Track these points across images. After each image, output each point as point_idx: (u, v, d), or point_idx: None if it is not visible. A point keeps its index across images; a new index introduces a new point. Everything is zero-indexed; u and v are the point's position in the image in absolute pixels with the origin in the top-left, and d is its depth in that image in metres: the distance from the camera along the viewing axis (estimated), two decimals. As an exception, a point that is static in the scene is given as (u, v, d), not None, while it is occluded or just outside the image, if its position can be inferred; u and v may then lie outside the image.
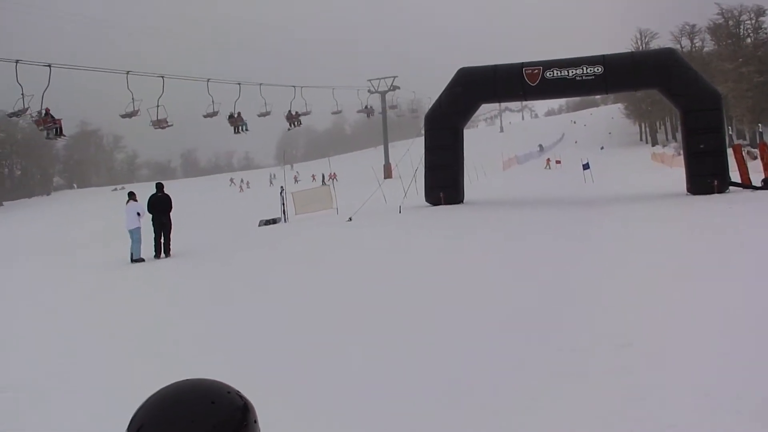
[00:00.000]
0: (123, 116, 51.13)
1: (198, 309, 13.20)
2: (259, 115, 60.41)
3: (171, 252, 22.60)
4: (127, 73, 46.76)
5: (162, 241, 22.56)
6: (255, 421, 1.80)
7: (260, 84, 59.65)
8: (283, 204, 33.67)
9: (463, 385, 7.38)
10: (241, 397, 1.80)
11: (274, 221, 33.00)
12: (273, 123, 65.12)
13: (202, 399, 1.73)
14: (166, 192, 23.11)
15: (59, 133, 44.96)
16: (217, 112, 57.21)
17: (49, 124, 43.07)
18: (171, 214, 22.89)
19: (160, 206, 22.64)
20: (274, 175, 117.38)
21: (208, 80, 53.58)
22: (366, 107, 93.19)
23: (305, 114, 68.17)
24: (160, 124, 53.59)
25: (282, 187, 35.47)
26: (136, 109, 49.90)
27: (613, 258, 14.99)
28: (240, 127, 59.18)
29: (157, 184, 23.56)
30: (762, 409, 5.96)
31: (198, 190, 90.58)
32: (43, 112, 42.48)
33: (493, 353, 8.43)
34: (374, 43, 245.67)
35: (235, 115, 58.12)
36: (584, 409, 6.38)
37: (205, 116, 57.84)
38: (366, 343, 9.32)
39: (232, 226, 33.67)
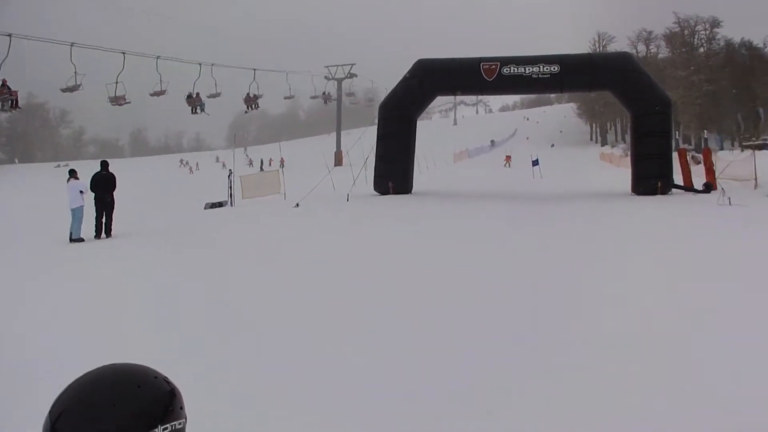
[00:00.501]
0: (64, 90, 49.49)
1: (131, 295, 12.37)
2: (209, 96, 59.25)
3: (112, 232, 21.79)
4: (71, 44, 45.33)
5: (104, 221, 21.73)
6: (181, 408, 1.84)
7: (212, 64, 58.58)
8: (231, 187, 33.48)
9: (418, 372, 7.38)
10: (168, 382, 1.82)
11: (220, 204, 32.73)
12: (225, 105, 64.44)
13: (127, 383, 1.75)
14: (111, 171, 22.23)
15: (15, 105, 43.24)
16: (165, 91, 56.22)
17: (5, 95, 41.61)
18: (114, 193, 21.97)
19: (104, 185, 21.77)
20: (217, 158, 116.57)
21: (157, 57, 52.77)
22: (324, 93, 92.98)
23: (257, 97, 67.45)
24: (118, 101, 52.57)
25: (230, 170, 35.28)
26: (78, 83, 48.08)
27: (532, 248, 15.55)
28: (197, 108, 58.25)
29: (102, 162, 22.52)
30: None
31: (146, 170, 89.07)
32: (0, 83, 40.99)
33: (432, 334, 8.66)
34: (333, 30, 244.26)
35: (194, 96, 57.28)
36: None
37: (152, 95, 56.92)
38: (317, 334, 9.13)
39: (178, 208, 33.03)
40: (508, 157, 79.50)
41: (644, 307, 9.59)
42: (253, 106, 66.60)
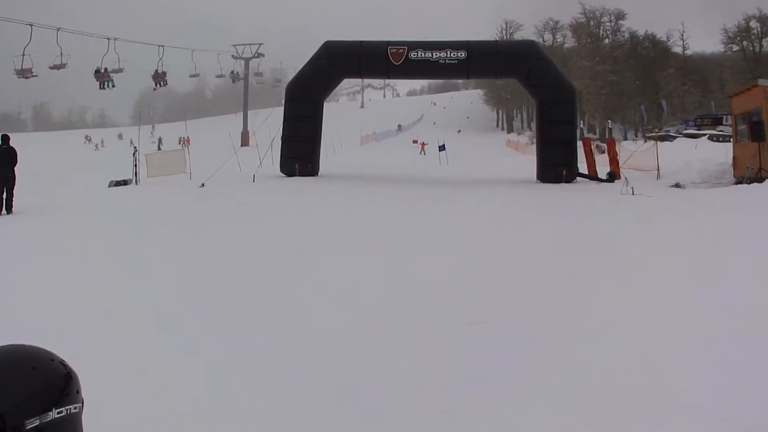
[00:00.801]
0: None
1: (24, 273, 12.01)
2: (111, 72, 58.34)
3: (13, 209, 21.24)
4: None
5: (5, 196, 21.17)
6: (78, 391, 1.77)
7: (116, 39, 56.78)
8: (136, 165, 32.80)
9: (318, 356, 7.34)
10: (65, 366, 1.76)
11: (125, 182, 32.11)
12: (131, 82, 63.43)
13: (22, 364, 1.69)
14: (11, 145, 21.62)
15: None
16: (65, 65, 55.26)
17: None
18: (15, 168, 21.39)
19: (4, 160, 21.18)
20: (120, 136, 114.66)
21: (57, 29, 51.76)
22: (232, 72, 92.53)
23: (165, 74, 67.10)
24: (24, 73, 52.07)
25: (135, 147, 34.62)
26: (63, 62, 47.41)
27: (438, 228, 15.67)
28: (106, 83, 57.85)
29: (2, 135, 21.84)
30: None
31: (50, 146, 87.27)
32: None
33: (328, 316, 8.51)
34: (242, 9, 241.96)
35: (102, 71, 56.69)
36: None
37: (51, 68, 55.64)
38: (207, 314, 9.06)
39: (81, 185, 32.44)
40: (423, 144, 72.92)
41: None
42: (162, 83, 66.51)
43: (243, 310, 9.07)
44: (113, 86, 58.94)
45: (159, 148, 75.04)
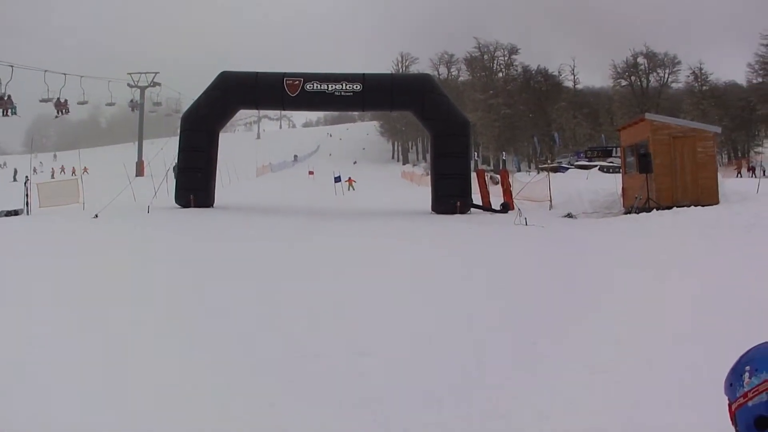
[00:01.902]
0: None
1: None
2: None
3: None
4: None
5: None
6: None
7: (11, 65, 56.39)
8: (27, 195, 32.01)
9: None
10: None
11: (15, 212, 31.31)
12: (21, 109, 62.06)
13: None
14: None
15: None
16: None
17: None
18: None
19: None
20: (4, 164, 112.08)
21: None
22: (132, 101, 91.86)
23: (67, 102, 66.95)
24: None
25: (27, 176, 33.80)
26: None
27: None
28: (9, 110, 56.52)
29: None
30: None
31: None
32: None
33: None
34: (136, 38, 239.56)
35: (5, 98, 55.45)
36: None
37: None
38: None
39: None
40: (351, 180, 67.74)
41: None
42: (64, 111, 66.04)
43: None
44: (14, 113, 57.30)
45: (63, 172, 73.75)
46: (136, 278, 14.20)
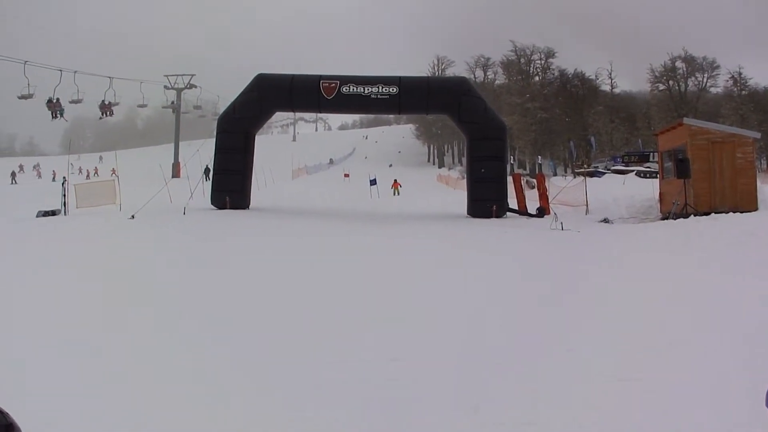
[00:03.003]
0: None
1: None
2: (20, 97, 59.20)
3: None
4: None
5: None
6: None
7: (75, 72, 58.10)
8: (65, 196, 32.25)
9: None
10: (6, 416, 1.75)
11: (53, 213, 31.57)
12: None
13: None
14: None
15: None
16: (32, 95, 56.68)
17: None
18: None
19: None
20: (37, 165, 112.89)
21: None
22: (173, 102, 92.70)
23: (113, 105, 68.52)
24: None
25: (64, 177, 34.07)
26: None
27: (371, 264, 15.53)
28: (57, 113, 59.07)
29: None
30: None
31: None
32: None
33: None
34: (174, 41, 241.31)
35: (54, 101, 57.89)
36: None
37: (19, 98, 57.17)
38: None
39: (9, 214, 31.89)
40: (396, 183, 64.37)
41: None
42: (108, 113, 67.65)
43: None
44: (62, 116, 60.09)
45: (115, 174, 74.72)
46: (170, 278, 14.25)
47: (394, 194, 58.43)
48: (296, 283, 13.72)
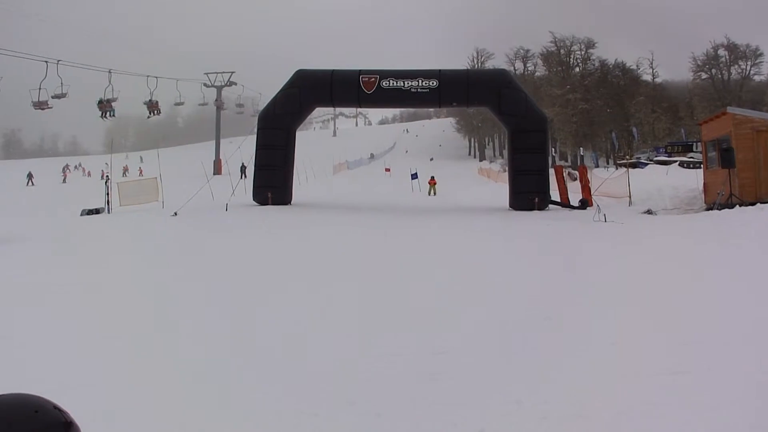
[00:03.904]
0: None
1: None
2: (53, 97, 60.01)
3: None
4: None
5: None
6: None
7: (110, 71, 58.97)
8: (108, 194, 32.60)
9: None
10: (66, 415, 1.80)
11: (97, 211, 31.92)
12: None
13: (24, 407, 1.75)
14: None
15: None
16: (66, 94, 56.47)
17: None
18: None
19: None
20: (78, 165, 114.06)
21: (59, 62, 52.95)
22: (216, 100, 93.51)
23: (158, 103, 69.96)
24: (41, 105, 55.27)
25: (107, 176, 34.43)
26: None
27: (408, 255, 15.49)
28: (108, 113, 60.75)
29: None
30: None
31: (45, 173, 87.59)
32: None
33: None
34: (214, 37, 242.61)
35: (105, 101, 59.64)
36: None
37: (53, 97, 57.01)
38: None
39: (53, 214, 32.34)
40: (432, 180, 54.69)
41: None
42: (156, 111, 69.14)
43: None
44: (113, 115, 62.21)
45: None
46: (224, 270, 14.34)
47: (430, 193, 51.15)
48: (373, 270, 13.87)
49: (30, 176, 79.10)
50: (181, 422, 6.08)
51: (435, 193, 50.91)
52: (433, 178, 54.84)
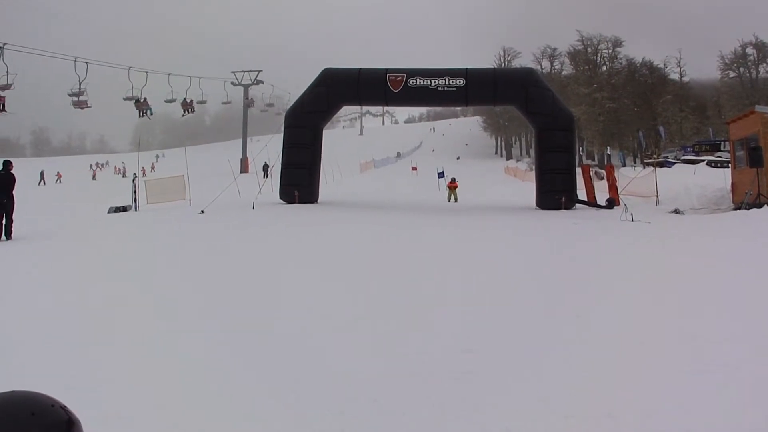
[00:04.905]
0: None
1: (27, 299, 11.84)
2: (70, 93, 61.17)
3: (12, 234, 21.10)
4: (3, 45, 47.33)
5: (4, 222, 21.04)
6: None
7: (129, 68, 59.61)
8: (135, 192, 32.79)
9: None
10: (67, 411, 1.70)
11: (124, 209, 32.09)
12: (128, 106, 64.49)
13: (20, 410, 1.64)
14: (12, 171, 21.28)
15: (2, 109, 47.96)
16: (83, 92, 57.15)
17: None
18: (14, 193, 21.21)
19: (2, 185, 21.01)
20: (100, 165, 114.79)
21: (75, 59, 53.92)
22: (247, 98, 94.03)
23: (193, 102, 70.91)
24: (80, 105, 56.66)
25: (134, 174, 34.64)
26: (9, 83, 48.85)
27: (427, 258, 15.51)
28: (145, 112, 63.14)
29: (4, 161, 21.95)
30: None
31: (68, 170, 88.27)
32: None
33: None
34: (240, 34, 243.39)
35: (141, 100, 61.67)
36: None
37: (69, 94, 57.85)
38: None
39: (83, 211, 32.56)
40: (453, 183, 46.47)
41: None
42: (190, 110, 69.96)
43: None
44: (152, 114, 64.51)
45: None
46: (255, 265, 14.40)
47: (450, 199, 43.42)
48: (401, 268, 13.91)
49: (42, 175, 79.93)
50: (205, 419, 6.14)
51: (456, 199, 42.80)
52: (453, 180, 46.56)
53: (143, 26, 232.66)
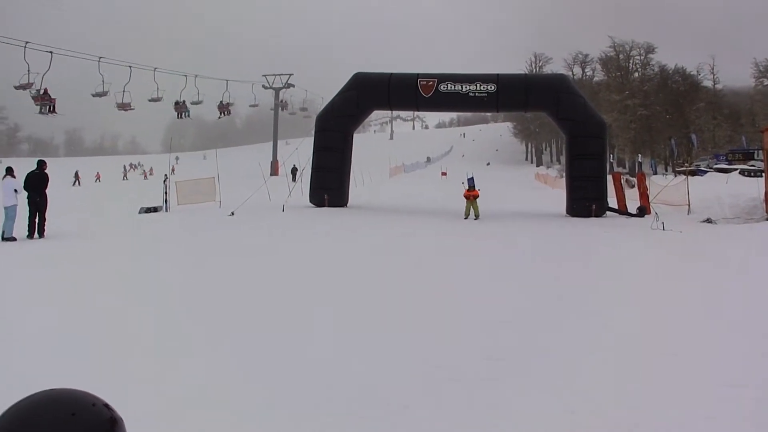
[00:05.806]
0: (17, 87, 50.46)
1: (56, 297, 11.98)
2: (192, 104, 64.25)
3: (45, 233, 21.30)
4: (26, 44, 47.01)
5: (36, 220, 21.29)
6: None
7: (155, 69, 59.88)
8: (166, 193, 32.93)
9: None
10: (109, 409, 1.66)
11: (155, 209, 32.24)
12: (162, 109, 64.94)
13: (61, 411, 1.59)
14: (46, 171, 21.71)
15: (52, 110, 49.59)
16: (107, 92, 57.40)
17: (46, 101, 48.72)
18: (47, 192, 21.40)
19: (36, 184, 21.28)
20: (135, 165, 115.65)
21: (99, 59, 53.79)
22: (281, 101, 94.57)
23: (230, 105, 74.30)
24: (124, 107, 57.55)
25: (166, 175, 34.79)
26: (31, 81, 49.20)
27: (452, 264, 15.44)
28: (183, 114, 64.56)
29: (38, 161, 22.25)
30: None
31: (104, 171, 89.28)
32: (42, 90, 48.17)
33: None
34: (273, 38, 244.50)
35: (180, 102, 63.28)
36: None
37: (93, 95, 58.11)
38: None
39: (114, 211, 32.77)
40: (473, 191, 32.03)
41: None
42: (226, 112, 74.47)
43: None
44: (189, 116, 65.64)
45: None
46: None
47: (468, 215, 30.11)
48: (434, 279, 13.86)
49: (76, 176, 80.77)
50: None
51: (477, 215, 29.95)
52: (472, 186, 31.16)
53: (173, 28, 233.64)
